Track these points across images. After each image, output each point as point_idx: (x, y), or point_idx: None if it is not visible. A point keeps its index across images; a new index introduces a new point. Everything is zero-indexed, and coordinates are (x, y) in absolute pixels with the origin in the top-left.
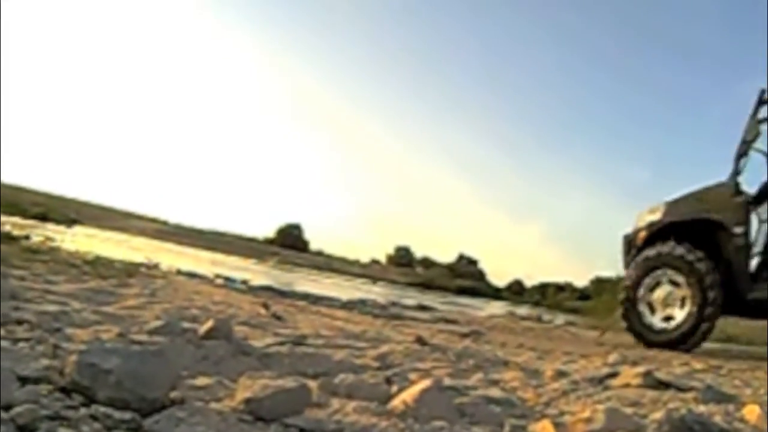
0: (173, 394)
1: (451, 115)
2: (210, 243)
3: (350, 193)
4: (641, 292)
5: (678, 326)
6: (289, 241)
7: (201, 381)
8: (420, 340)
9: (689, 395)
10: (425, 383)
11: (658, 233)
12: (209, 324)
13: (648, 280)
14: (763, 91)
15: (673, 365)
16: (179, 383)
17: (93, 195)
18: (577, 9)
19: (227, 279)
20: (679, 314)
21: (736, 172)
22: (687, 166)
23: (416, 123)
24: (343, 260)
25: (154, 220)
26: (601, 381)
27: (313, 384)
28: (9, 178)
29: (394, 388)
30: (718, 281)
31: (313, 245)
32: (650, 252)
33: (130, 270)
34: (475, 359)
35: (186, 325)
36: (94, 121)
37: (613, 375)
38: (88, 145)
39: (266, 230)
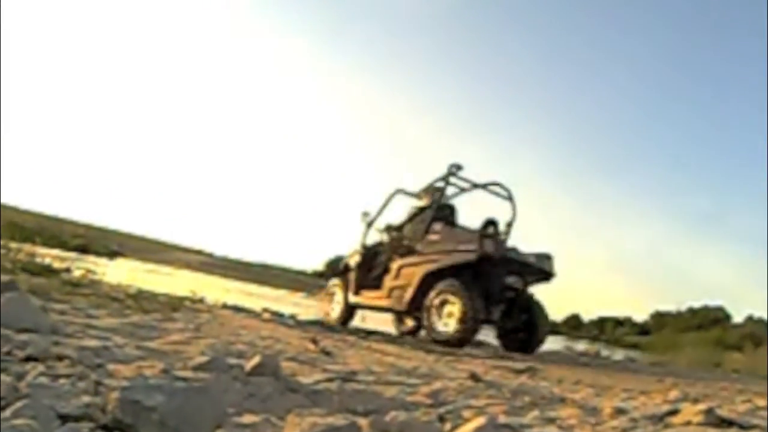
0: None
1: (505, 142)
2: (257, 276)
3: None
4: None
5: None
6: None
7: (247, 419)
8: (474, 377)
9: None
10: (479, 421)
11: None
12: (256, 360)
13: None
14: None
15: (736, 402)
16: (225, 421)
17: (136, 226)
18: (639, 34)
19: (275, 313)
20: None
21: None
22: (748, 196)
23: (469, 149)
24: None
25: (199, 252)
26: (661, 419)
27: (363, 422)
28: (49, 209)
29: (447, 426)
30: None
31: None
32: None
33: (175, 304)
34: (531, 396)
35: (232, 360)
36: (138, 151)
37: (674, 412)
38: (131, 176)
39: (315, 263)
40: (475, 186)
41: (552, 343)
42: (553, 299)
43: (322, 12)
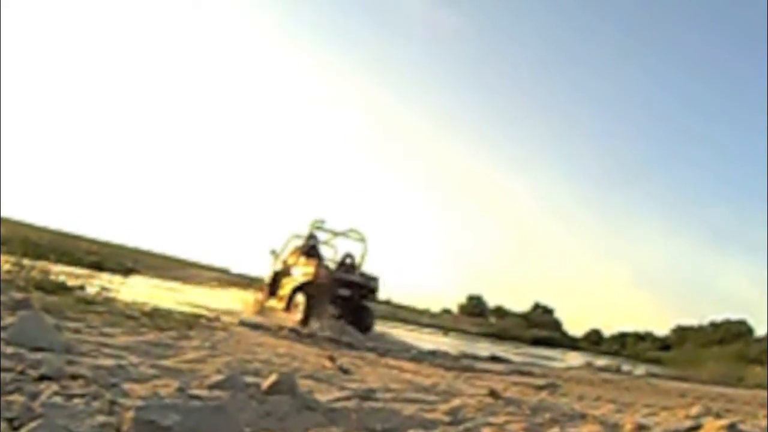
0: None
1: (524, 155)
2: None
3: (419, 239)
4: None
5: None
6: None
7: None
8: (493, 393)
9: None
10: None
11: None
12: (273, 378)
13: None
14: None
15: (759, 417)
16: None
17: (151, 243)
18: (660, 45)
19: (291, 330)
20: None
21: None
22: None
23: (487, 163)
24: (412, 310)
25: (215, 269)
26: None
27: None
28: (63, 226)
29: None
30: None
31: (381, 294)
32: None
33: (190, 321)
34: (552, 413)
35: (248, 379)
36: (153, 168)
37: (696, 428)
38: (146, 193)
39: None
40: (336, 234)
41: (573, 359)
42: (574, 315)
43: (335, 28)
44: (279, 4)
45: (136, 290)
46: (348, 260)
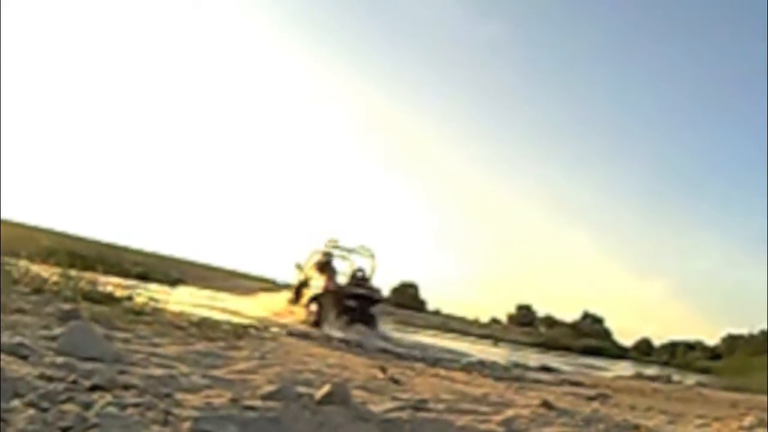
0: None
1: (569, 166)
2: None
3: (468, 249)
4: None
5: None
6: (405, 301)
7: None
8: (546, 404)
9: None
10: None
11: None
12: (326, 388)
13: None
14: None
15: None
16: None
17: (197, 254)
18: (699, 58)
19: (341, 340)
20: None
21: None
22: None
23: (533, 174)
24: (462, 320)
25: (261, 279)
26: None
27: None
28: (109, 237)
29: None
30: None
31: (431, 304)
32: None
33: (239, 331)
34: (604, 423)
35: (301, 389)
36: (199, 180)
37: None
38: (192, 204)
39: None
40: (348, 251)
41: (622, 369)
42: (624, 324)
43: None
44: (310, 12)
45: (184, 300)
46: (359, 273)
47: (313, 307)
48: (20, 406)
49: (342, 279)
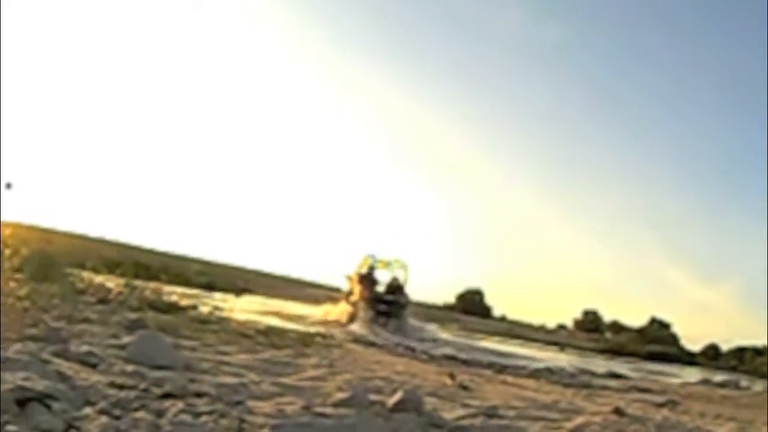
0: None
1: (635, 172)
2: None
3: (533, 255)
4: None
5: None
6: (471, 307)
7: None
8: (618, 411)
9: None
10: None
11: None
12: (398, 396)
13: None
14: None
15: None
16: None
17: (262, 263)
18: (737, 64)
19: (407, 348)
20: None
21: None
22: None
23: (597, 182)
24: (528, 326)
25: (326, 288)
26: None
27: None
28: (175, 248)
29: None
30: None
31: (496, 311)
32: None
33: (306, 340)
34: (677, 430)
35: (372, 396)
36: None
37: None
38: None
39: (446, 296)
40: (386, 263)
41: (690, 375)
42: (691, 330)
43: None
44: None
45: (249, 308)
46: (395, 283)
47: (352, 309)
48: (92, 413)
49: (381, 287)
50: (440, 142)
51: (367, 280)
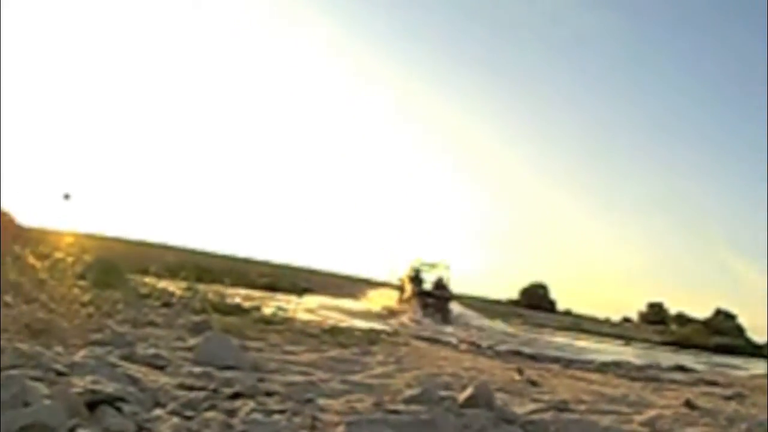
0: None
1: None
2: None
3: (598, 248)
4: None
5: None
6: (535, 302)
7: None
8: (689, 404)
9: None
10: None
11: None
12: (468, 391)
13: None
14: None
15: None
16: None
17: (323, 263)
18: None
19: (472, 344)
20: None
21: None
22: None
23: (662, 170)
24: (593, 319)
25: (387, 285)
26: None
27: None
28: (235, 251)
29: None
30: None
31: (561, 305)
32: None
33: (372, 337)
34: (748, 423)
35: (442, 392)
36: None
37: None
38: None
39: (510, 291)
40: (431, 265)
41: (756, 367)
42: (757, 321)
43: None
44: (408, 10)
45: (312, 308)
46: (440, 281)
47: (403, 305)
48: (163, 415)
49: (428, 285)
50: (496, 148)
51: (416, 279)
